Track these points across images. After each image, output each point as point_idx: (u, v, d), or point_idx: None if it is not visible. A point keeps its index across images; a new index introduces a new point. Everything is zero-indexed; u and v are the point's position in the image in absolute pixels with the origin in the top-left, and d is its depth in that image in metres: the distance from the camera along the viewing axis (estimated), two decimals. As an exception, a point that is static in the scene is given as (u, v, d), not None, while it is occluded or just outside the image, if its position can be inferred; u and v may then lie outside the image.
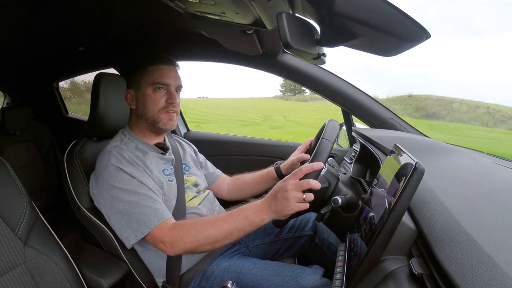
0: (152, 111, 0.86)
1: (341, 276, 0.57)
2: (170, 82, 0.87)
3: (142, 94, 0.87)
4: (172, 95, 0.87)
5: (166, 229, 0.73)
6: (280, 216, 0.67)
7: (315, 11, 0.51)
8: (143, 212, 0.74)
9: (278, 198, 0.66)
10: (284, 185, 0.66)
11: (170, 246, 0.73)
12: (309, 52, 0.54)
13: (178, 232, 0.73)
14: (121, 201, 0.76)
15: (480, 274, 0.34)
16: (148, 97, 0.86)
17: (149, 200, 0.76)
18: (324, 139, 0.73)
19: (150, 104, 0.86)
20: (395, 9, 0.42)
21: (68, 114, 2.08)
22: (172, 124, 0.89)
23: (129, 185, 0.77)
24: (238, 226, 0.70)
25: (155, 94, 0.86)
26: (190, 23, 0.96)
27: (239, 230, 0.70)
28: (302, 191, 0.65)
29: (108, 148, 0.85)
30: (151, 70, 0.86)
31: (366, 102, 1.23)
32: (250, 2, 0.55)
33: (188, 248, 0.73)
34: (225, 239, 0.71)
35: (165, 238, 0.73)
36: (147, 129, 0.90)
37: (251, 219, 0.69)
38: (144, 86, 0.86)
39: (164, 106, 0.87)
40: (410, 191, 0.44)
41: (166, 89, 0.87)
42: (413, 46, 0.49)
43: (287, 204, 0.65)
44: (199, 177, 1.01)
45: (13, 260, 0.67)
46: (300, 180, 0.65)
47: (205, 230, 0.71)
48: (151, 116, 0.87)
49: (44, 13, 0.87)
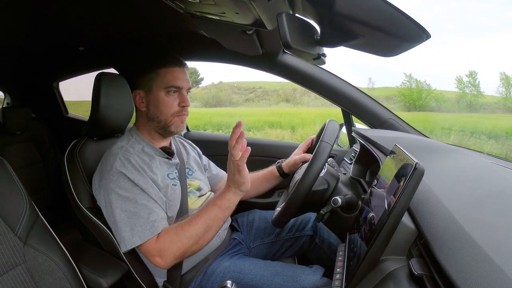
0: (165, 115, 0.86)
1: (341, 276, 0.57)
2: (183, 85, 0.86)
3: (154, 97, 0.86)
4: (185, 99, 0.87)
5: (153, 242, 0.74)
6: (243, 189, 0.77)
7: (315, 11, 0.51)
8: (138, 223, 0.74)
9: (229, 175, 0.76)
10: (228, 164, 0.76)
11: (160, 259, 0.73)
12: (309, 53, 0.54)
13: (163, 243, 0.73)
14: (118, 209, 0.76)
15: (480, 275, 0.34)
16: (162, 100, 0.85)
17: (147, 211, 0.76)
18: (323, 142, 0.74)
19: (163, 108, 0.85)
20: (395, 10, 0.42)
21: (68, 114, 2.08)
22: (183, 127, 0.90)
23: (130, 193, 0.76)
24: (211, 215, 0.75)
25: (169, 98, 0.85)
26: (190, 23, 0.96)
27: (213, 219, 0.75)
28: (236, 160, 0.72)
29: (114, 150, 0.84)
30: (163, 73, 0.85)
31: (366, 102, 1.23)
32: (250, 2, 0.55)
33: (178, 254, 0.73)
34: (207, 233, 0.74)
35: (153, 251, 0.73)
36: (157, 131, 0.89)
37: (219, 203, 0.76)
38: (157, 89, 0.85)
39: (178, 110, 0.86)
40: (410, 191, 0.44)
41: (179, 92, 0.86)
42: (413, 47, 0.49)
43: (238, 176, 0.74)
44: (203, 181, 1.01)
45: (12, 260, 0.67)
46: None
47: (185, 231, 0.73)
48: (164, 119, 0.86)
49: (44, 13, 0.87)
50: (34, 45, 1.24)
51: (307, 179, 0.70)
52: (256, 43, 0.96)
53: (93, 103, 0.90)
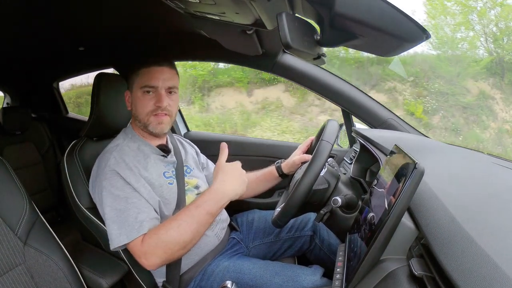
0: (141, 114, 0.86)
1: (341, 276, 0.57)
2: (158, 84, 0.84)
3: (134, 96, 0.87)
4: (160, 98, 0.84)
5: (139, 244, 0.72)
6: (239, 195, 0.77)
7: (315, 11, 0.51)
8: (126, 222, 0.73)
9: (237, 176, 0.77)
10: (225, 169, 0.78)
11: (145, 260, 0.72)
12: (309, 53, 0.54)
13: (148, 246, 0.72)
14: (108, 206, 0.76)
15: (481, 275, 0.34)
16: (138, 100, 0.86)
17: (136, 211, 0.75)
18: (323, 141, 0.73)
19: (139, 107, 0.86)
20: (395, 9, 0.43)
21: (68, 114, 2.08)
22: (162, 128, 0.87)
23: (121, 191, 0.76)
24: (202, 221, 0.73)
25: (144, 97, 0.85)
26: (190, 23, 0.96)
27: (203, 225, 0.73)
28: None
29: (109, 147, 0.84)
30: (142, 73, 0.85)
31: (366, 102, 1.23)
32: (250, 2, 0.55)
33: (164, 258, 0.72)
34: (194, 239, 0.73)
35: (138, 252, 0.72)
36: (144, 131, 0.89)
37: (213, 211, 0.74)
38: (136, 89, 0.86)
39: (153, 110, 0.85)
40: (410, 191, 0.44)
41: (154, 92, 0.85)
42: (413, 46, 0.49)
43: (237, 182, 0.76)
44: (200, 179, 1.01)
45: (13, 260, 0.67)
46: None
47: (172, 238, 0.71)
48: (141, 119, 0.87)
49: (44, 13, 0.87)
50: (34, 45, 1.24)
51: (308, 178, 0.70)
52: (256, 43, 0.96)
53: (93, 103, 0.90)
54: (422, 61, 5.18)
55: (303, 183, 0.70)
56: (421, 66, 5.12)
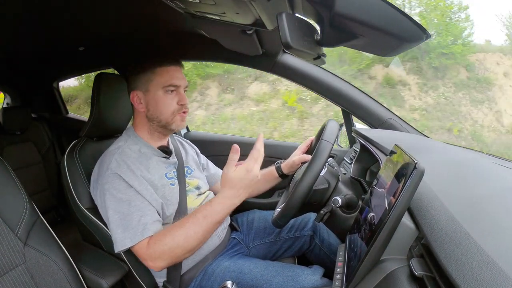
0: (165, 114, 0.86)
1: (341, 276, 0.57)
2: (180, 83, 0.86)
3: (153, 97, 0.86)
4: (183, 97, 0.87)
5: (144, 247, 0.73)
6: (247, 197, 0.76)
7: (315, 11, 0.51)
8: (130, 225, 0.74)
9: (245, 186, 0.73)
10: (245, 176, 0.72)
11: (151, 263, 0.73)
12: (309, 53, 0.54)
13: (153, 249, 0.72)
14: (112, 210, 0.76)
15: (481, 275, 0.34)
16: (160, 100, 0.85)
17: (139, 214, 0.75)
18: (324, 140, 0.73)
19: (163, 107, 0.85)
20: (395, 10, 0.43)
21: (68, 114, 2.08)
22: (184, 125, 0.91)
23: (123, 194, 0.76)
24: (209, 230, 0.74)
25: (167, 97, 0.85)
26: (190, 23, 0.96)
27: (210, 232, 0.75)
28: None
29: (111, 150, 0.84)
30: (160, 72, 0.85)
31: (366, 102, 1.23)
32: (250, 2, 0.55)
33: (171, 262, 0.74)
34: (200, 244, 0.75)
35: (144, 255, 0.73)
36: (157, 131, 0.89)
37: (220, 221, 0.75)
38: (155, 88, 0.85)
39: (178, 108, 0.87)
40: (410, 191, 0.44)
41: (176, 91, 0.87)
42: (413, 46, 0.49)
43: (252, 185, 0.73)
44: (201, 179, 1.01)
45: (13, 260, 0.67)
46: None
47: (178, 245, 0.72)
48: (164, 119, 0.86)
49: (44, 13, 0.87)
50: (34, 45, 1.24)
51: (308, 178, 0.70)
52: (256, 43, 0.96)
53: (93, 103, 0.90)
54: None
55: (303, 183, 0.70)
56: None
